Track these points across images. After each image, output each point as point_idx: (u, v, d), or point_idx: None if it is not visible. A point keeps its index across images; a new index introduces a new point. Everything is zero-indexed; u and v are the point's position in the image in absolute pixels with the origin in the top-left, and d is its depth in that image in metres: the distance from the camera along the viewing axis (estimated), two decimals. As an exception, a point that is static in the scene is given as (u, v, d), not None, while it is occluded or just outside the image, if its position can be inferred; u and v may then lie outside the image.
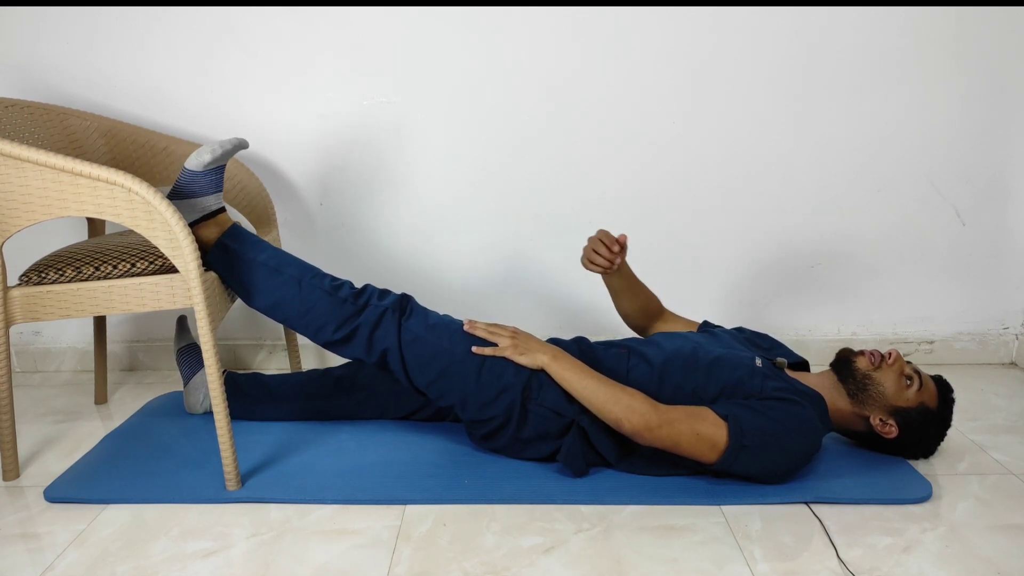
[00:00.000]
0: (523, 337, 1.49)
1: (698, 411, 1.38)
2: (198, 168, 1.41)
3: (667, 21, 1.84)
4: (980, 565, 1.23)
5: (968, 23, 1.84)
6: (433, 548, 1.27)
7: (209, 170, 1.43)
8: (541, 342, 1.49)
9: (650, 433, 1.36)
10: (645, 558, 1.24)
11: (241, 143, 1.45)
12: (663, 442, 1.37)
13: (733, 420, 1.35)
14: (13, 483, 1.50)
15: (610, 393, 1.39)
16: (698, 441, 1.36)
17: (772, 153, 1.94)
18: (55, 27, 1.85)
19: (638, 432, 1.37)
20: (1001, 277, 2.05)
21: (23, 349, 2.13)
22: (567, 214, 2.00)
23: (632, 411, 1.36)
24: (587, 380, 1.41)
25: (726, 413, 1.36)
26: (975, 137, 1.93)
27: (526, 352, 1.45)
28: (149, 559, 1.25)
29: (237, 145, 1.44)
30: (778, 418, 1.37)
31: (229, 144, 1.42)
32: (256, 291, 1.48)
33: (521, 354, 1.45)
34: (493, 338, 1.47)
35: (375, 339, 1.47)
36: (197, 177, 1.42)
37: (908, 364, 1.50)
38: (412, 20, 1.84)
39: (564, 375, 1.43)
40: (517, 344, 1.46)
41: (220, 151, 1.41)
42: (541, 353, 1.45)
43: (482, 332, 1.48)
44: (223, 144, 1.41)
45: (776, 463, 1.40)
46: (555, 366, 1.44)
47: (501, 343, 1.47)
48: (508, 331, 1.49)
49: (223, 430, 1.40)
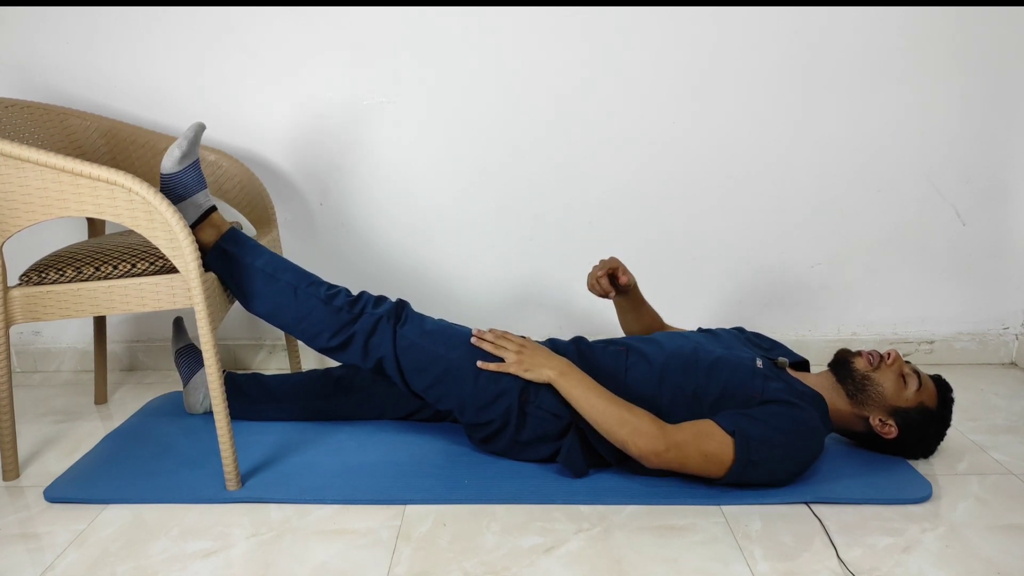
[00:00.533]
0: (530, 351, 1.46)
1: (704, 429, 1.36)
2: (174, 168, 1.41)
3: (667, 22, 1.84)
4: (980, 565, 1.23)
5: (968, 23, 1.84)
6: (433, 548, 1.27)
7: (186, 167, 1.43)
8: (548, 355, 1.46)
9: (658, 458, 1.35)
10: (645, 558, 1.24)
11: (199, 126, 1.44)
12: (670, 465, 1.36)
13: (740, 436, 1.33)
14: (13, 483, 1.50)
15: (617, 414, 1.37)
16: (706, 461, 1.35)
17: (772, 153, 1.94)
18: (55, 27, 1.85)
19: (645, 457, 1.35)
20: (1001, 277, 2.05)
21: (23, 349, 2.13)
22: (567, 214, 2.00)
23: (639, 434, 1.35)
24: (594, 399, 1.39)
25: (732, 428, 1.34)
26: (975, 137, 1.93)
27: (532, 368, 1.44)
28: (149, 559, 1.25)
29: (196, 130, 1.44)
30: (782, 427, 1.37)
31: (190, 132, 1.42)
32: (253, 296, 1.48)
33: (526, 370, 1.44)
34: (499, 352, 1.46)
35: (371, 346, 1.47)
36: (176, 177, 1.43)
37: (907, 364, 1.49)
38: (411, 20, 1.84)
39: (571, 392, 1.41)
40: (523, 360, 1.44)
41: (186, 143, 1.41)
42: (548, 368, 1.43)
43: (489, 347, 1.47)
44: (185, 135, 1.42)
45: (783, 471, 1.40)
46: (562, 382, 1.42)
47: (507, 358, 1.45)
48: (515, 344, 1.47)
49: (223, 430, 1.40)
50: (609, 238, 2.01)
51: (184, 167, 1.43)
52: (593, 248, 2.01)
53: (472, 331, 1.51)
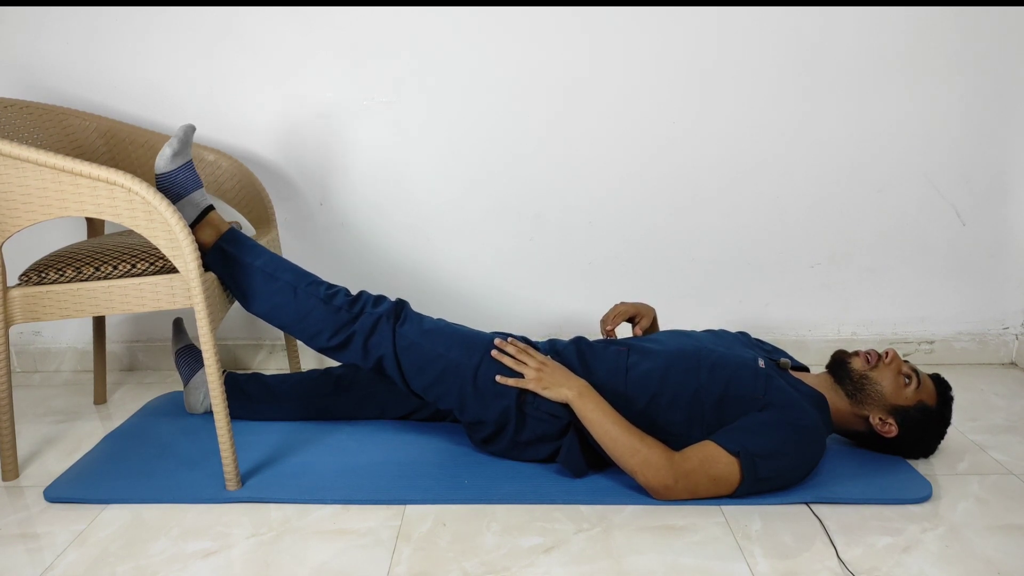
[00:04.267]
0: (549, 369, 1.45)
1: (709, 453, 1.35)
2: (167, 167, 1.42)
3: (668, 22, 1.84)
4: (980, 565, 1.23)
5: (968, 23, 1.84)
6: (433, 548, 1.27)
7: (179, 166, 1.43)
8: (568, 375, 1.45)
9: (667, 491, 1.35)
10: (645, 558, 1.24)
11: (188, 127, 1.45)
12: (680, 496, 1.36)
13: (745, 456, 1.33)
14: (13, 483, 1.50)
15: (629, 443, 1.36)
16: (715, 485, 1.35)
17: (772, 153, 1.94)
18: (55, 27, 1.85)
19: (653, 490, 1.36)
20: (1001, 277, 2.05)
21: (23, 349, 2.13)
22: (567, 214, 2.00)
23: (648, 465, 1.35)
24: (608, 424, 1.38)
25: (737, 449, 1.34)
26: (975, 137, 1.93)
27: (550, 386, 1.43)
28: (149, 559, 1.25)
29: (187, 130, 1.44)
30: (784, 436, 1.37)
31: (180, 131, 1.43)
32: (252, 296, 1.48)
33: (545, 388, 1.43)
34: (519, 367, 1.46)
35: (370, 346, 1.47)
36: (169, 177, 1.43)
37: (906, 363, 1.49)
38: (411, 20, 1.84)
39: (587, 415, 1.40)
40: (542, 378, 1.44)
41: (176, 142, 1.42)
42: (566, 388, 1.42)
43: (509, 361, 1.47)
44: (175, 135, 1.42)
45: (789, 479, 1.40)
46: (579, 403, 1.41)
47: (527, 374, 1.45)
48: (536, 361, 1.47)
49: (223, 430, 1.40)
50: (609, 238, 2.01)
51: (177, 166, 1.43)
52: (593, 248, 2.02)
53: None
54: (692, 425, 1.43)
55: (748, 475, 1.33)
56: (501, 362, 1.47)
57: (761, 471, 1.34)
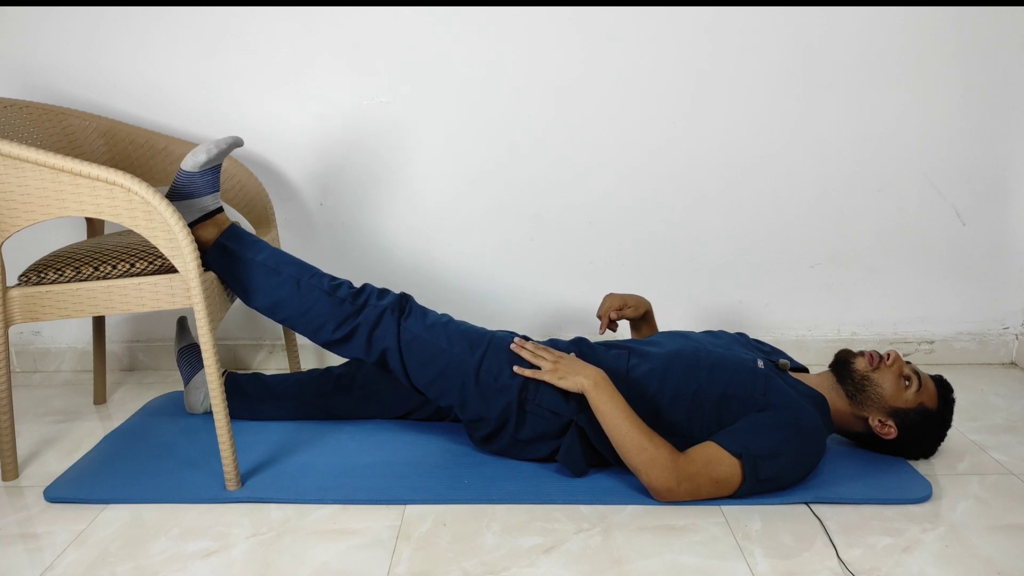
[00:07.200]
0: (566, 361, 1.46)
1: (711, 455, 1.35)
2: (194, 169, 1.41)
3: (666, 22, 1.84)
4: (980, 565, 1.23)
5: (967, 23, 1.84)
6: (433, 548, 1.27)
7: (205, 170, 1.42)
8: (584, 364, 1.45)
9: (670, 494, 1.35)
10: (645, 558, 1.24)
11: (236, 141, 1.44)
12: (682, 498, 1.36)
13: (747, 457, 1.33)
14: (13, 483, 1.50)
15: (638, 440, 1.36)
16: (717, 487, 1.35)
17: (772, 152, 1.94)
18: (55, 27, 1.85)
19: (656, 491, 1.36)
20: (1001, 277, 2.05)
21: (23, 349, 2.13)
22: (567, 214, 2.00)
23: (653, 464, 1.34)
24: (620, 418, 1.38)
25: (739, 450, 1.34)
26: (975, 137, 1.93)
27: (566, 376, 1.43)
28: (149, 559, 1.25)
29: (232, 143, 1.44)
30: (785, 437, 1.37)
31: (224, 143, 1.42)
32: (255, 291, 1.48)
33: (561, 378, 1.43)
34: (536, 360, 1.46)
35: (374, 338, 1.47)
36: (194, 178, 1.42)
37: (907, 365, 1.49)
38: (411, 20, 1.84)
39: (601, 407, 1.40)
40: (558, 368, 1.44)
41: (216, 150, 1.40)
42: (583, 377, 1.42)
43: (528, 355, 1.47)
44: (218, 143, 1.41)
45: (790, 480, 1.40)
46: (594, 393, 1.40)
47: (544, 366, 1.45)
48: (552, 355, 1.47)
49: (223, 430, 1.39)
50: (609, 238, 2.01)
51: (203, 171, 1.42)
52: (593, 248, 2.01)
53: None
54: (692, 425, 1.43)
55: (749, 476, 1.34)
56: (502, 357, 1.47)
57: (762, 472, 1.34)
